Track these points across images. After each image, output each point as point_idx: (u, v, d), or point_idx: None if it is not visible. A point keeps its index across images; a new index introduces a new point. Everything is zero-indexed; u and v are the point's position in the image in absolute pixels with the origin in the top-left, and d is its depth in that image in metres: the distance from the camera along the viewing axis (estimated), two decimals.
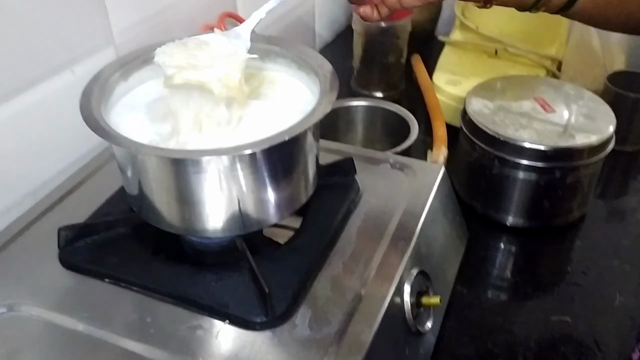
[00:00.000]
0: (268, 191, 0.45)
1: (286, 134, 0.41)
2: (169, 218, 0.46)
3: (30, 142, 0.56)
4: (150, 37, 0.67)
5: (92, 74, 0.49)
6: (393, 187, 0.56)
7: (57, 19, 0.56)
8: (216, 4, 0.76)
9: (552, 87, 0.71)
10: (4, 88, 0.52)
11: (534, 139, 0.63)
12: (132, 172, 0.45)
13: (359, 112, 0.74)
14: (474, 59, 0.88)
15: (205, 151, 0.41)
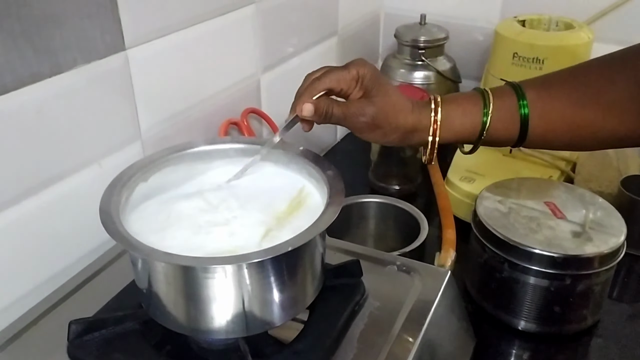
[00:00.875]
0: (273, 295, 0.47)
1: (290, 244, 0.43)
2: (175, 317, 0.47)
3: (51, 233, 0.59)
4: (175, 132, 0.71)
5: (119, 167, 0.52)
6: (398, 290, 0.56)
7: (90, 114, 0.60)
8: (240, 101, 0.81)
9: (565, 192, 0.72)
10: (34, 181, 0.56)
11: (543, 245, 0.63)
12: (142, 270, 0.47)
13: (371, 208, 0.76)
14: (488, 157, 0.90)
15: (213, 259, 0.43)
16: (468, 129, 0.58)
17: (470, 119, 0.58)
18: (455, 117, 0.58)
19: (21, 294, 0.57)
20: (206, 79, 0.75)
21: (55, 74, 0.55)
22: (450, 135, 0.58)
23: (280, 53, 0.88)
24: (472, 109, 0.58)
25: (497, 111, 0.57)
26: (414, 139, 0.58)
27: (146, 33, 0.64)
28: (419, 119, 0.57)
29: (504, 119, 0.58)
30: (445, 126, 0.57)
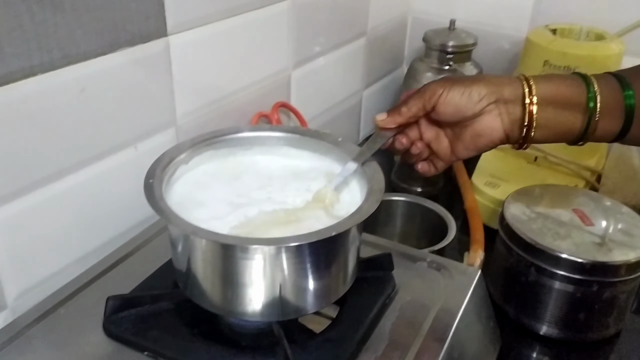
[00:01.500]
0: (309, 281, 0.47)
1: (333, 229, 0.43)
2: (211, 298, 0.47)
3: (88, 211, 0.60)
4: (208, 121, 0.72)
5: (153, 151, 0.53)
6: (429, 286, 0.57)
7: (130, 97, 0.61)
8: (271, 94, 0.81)
9: (591, 200, 0.72)
10: (75, 159, 0.57)
11: (572, 250, 0.63)
12: (182, 250, 0.47)
13: (399, 206, 0.76)
14: (513, 164, 0.90)
15: (255, 240, 0.44)
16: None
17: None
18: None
19: (59, 268, 0.58)
20: (241, 70, 0.76)
21: (100, 55, 0.56)
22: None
23: (310, 50, 0.89)
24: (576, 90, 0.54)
25: (602, 93, 0.54)
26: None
27: (187, 20, 0.65)
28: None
29: (608, 103, 0.54)
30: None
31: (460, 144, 0.56)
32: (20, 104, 0.50)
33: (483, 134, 0.55)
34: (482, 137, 0.55)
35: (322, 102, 0.96)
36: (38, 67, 0.51)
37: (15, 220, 0.53)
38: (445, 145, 0.57)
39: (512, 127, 0.55)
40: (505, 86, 0.54)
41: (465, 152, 0.57)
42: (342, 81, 1.01)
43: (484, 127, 0.55)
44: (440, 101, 0.53)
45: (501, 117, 0.55)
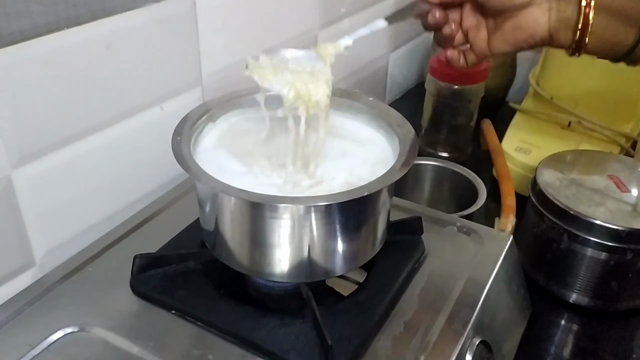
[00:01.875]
0: (338, 243, 0.46)
1: (365, 189, 0.42)
2: (239, 258, 0.47)
3: (115, 169, 0.59)
4: (234, 82, 0.70)
5: (179, 111, 0.52)
6: (458, 251, 0.56)
7: (156, 55, 0.60)
8: None
9: (627, 166, 0.70)
10: (101, 118, 0.56)
11: (607, 217, 0.61)
12: (210, 209, 0.47)
13: (428, 171, 0.74)
14: (545, 129, 0.87)
15: (284, 198, 0.43)
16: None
17: None
18: None
19: (86, 226, 0.58)
20: (267, 30, 0.74)
21: (126, 10, 0.55)
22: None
23: (337, 11, 0.86)
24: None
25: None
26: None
27: None
28: None
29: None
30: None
31: (499, 36, 0.53)
32: (46, 59, 0.49)
33: (526, 26, 0.52)
34: (524, 31, 0.52)
35: (348, 64, 0.94)
36: (64, 22, 0.50)
37: (42, 178, 0.53)
38: (482, 37, 0.54)
39: (558, 27, 0.51)
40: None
41: (502, 46, 0.53)
42: (369, 43, 0.98)
43: (528, 19, 0.51)
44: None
45: (550, 13, 0.51)
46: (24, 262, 0.53)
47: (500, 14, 0.52)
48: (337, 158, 0.50)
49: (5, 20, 0.46)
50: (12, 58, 0.47)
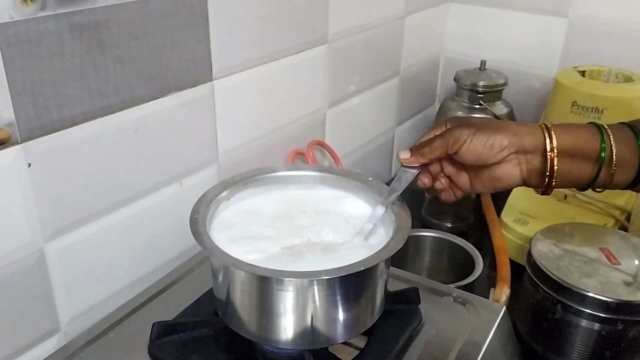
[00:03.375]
0: (339, 312, 0.50)
1: (362, 264, 0.47)
2: (248, 325, 0.51)
3: (136, 241, 0.65)
4: (247, 158, 0.76)
5: (197, 186, 0.57)
6: (454, 320, 0.59)
7: (178, 136, 0.66)
8: (307, 133, 0.86)
9: (619, 239, 0.74)
10: (126, 194, 0.62)
11: (597, 288, 0.65)
12: (222, 280, 0.51)
13: (427, 241, 0.78)
14: (542, 201, 0.91)
15: (289, 272, 0.47)
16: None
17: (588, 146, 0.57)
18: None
19: (109, 294, 0.63)
20: (279, 110, 0.81)
21: (152, 99, 0.61)
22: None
23: (345, 90, 0.93)
24: (590, 138, 0.57)
25: (618, 145, 0.56)
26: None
27: (231, 66, 0.70)
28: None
29: (624, 154, 0.56)
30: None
31: (479, 183, 0.60)
32: (79, 144, 0.56)
33: (502, 179, 0.58)
34: (500, 182, 0.59)
35: (355, 139, 1.00)
36: (98, 111, 0.56)
37: (71, 250, 0.58)
38: (464, 180, 0.60)
39: (529, 175, 0.58)
40: (527, 136, 0.57)
41: (483, 190, 0.61)
42: (376, 119, 1.05)
43: (502, 173, 0.58)
44: (463, 148, 0.56)
45: (520, 167, 0.58)
46: (50, 327, 0.58)
47: (477, 168, 0.59)
48: (342, 232, 0.55)
49: (47, 111, 0.52)
50: (50, 144, 0.53)
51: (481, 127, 0.57)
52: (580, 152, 0.57)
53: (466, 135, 0.56)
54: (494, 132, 0.56)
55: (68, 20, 0.51)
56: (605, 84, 0.93)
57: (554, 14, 1.04)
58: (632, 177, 0.58)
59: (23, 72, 0.49)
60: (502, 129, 0.57)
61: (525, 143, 0.57)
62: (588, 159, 0.57)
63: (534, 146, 0.57)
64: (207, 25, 0.65)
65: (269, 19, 0.73)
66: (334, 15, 0.84)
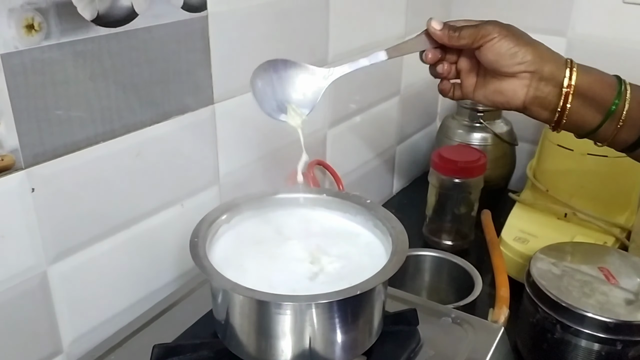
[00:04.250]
0: (337, 334, 0.51)
1: (358, 288, 0.47)
2: (247, 348, 0.52)
3: (138, 263, 0.65)
4: (248, 179, 0.77)
5: (198, 208, 0.58)
6: (452, 341, 0.59)
7: (179, 159, 0.67)
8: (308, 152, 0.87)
9: (619, 258, 0.74)
10: (128, 216, 0.63)
11: (596, 309, 0.65)
12: (222, 303, 0.52)
13: (427, 261, 0.79)
14: (542, 220, 0.92)
15: (287, 296, 0.48)
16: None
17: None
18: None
19: (110, 315, 0.64)
20: (278, 130, 0.81)
21: (154, 123, 0.63)
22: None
23: (346, 109, 0.94)
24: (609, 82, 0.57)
25: (631, 102, 0.56)
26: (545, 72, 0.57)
27: (232, 89, 0.71)
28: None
29: (633, 113, 0.56)
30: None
31: (483, 90, 0.59)
32: (82, 169, 0.57)
33: (505, 93, 0.58)
34: (502, 95, 0.58)
35: (356, 158, 1.01)
36: (101, 136, 0.58)
37: (73, 272, 0.59)
38: (471, 82, 0.60)
39: (532, 102, 0.58)
40: (550, 63, 0.56)
41: (482, 99, 0.60)
42: (376, 138, 1.06)
43: (509, 88, 0.57)
44: (488, 45, 0.56)
45: (527, 89, 0.57)
46: (53, 349, 0.59)
47: (489, 72, 0.59)
48: (339, 254, 0.56)
49: (50, 137, 0.53)
50: (53, 169, 0.54)
51: (513, 34, 0.56)
52: (592, 97, 0.57)
53: (497, 33, 0.55)
54: (523, 44, 0.56)
55: (71, 48, 0.52)
56: None
57: (553, 33, 1.05)
58: (635, 138, 0.57)
59: (27, 99, 0.51)
60: (531, 45, 0.56)
61: (545, 68, 0.56)
62: (598, 106, 0.57)
63: (551, 75, 0.56)
64: (209, 49, 0.66)
65: (269, 42, 0.74)
66: (334, 38, 0.85)
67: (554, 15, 1.05)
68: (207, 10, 0.64)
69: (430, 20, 0.58)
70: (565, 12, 1.04)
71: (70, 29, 0.52)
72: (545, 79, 0.57)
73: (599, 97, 0.57)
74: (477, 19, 0.58)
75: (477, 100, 0.61)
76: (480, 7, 1.11)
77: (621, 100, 0.56)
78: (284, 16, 0.75)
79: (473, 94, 0.61)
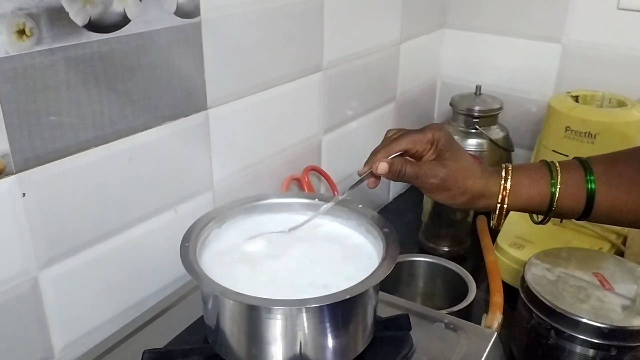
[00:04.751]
0: (328, 339, 0.51)
1: (348, 292, 0.47)
2: (238, 353, 0.51)
3: (130, 268, 0.65)
4: (242, 185, 0.77)
5: (191, 214, 0.58)
6: (445, 347, 0.59)
7: (172, 164, 0.67)
8: (302, 159, 0.87)
9: (614, 264, 0.74)
10: (120, 222, 0.63)
11: (590, 314, 0.65)
12: (212, 308, 0.52)
13: (421, 267, 0.79)
14: (538, 226, 0.91)
15: (277, 301, 0.48)
16: (535, 199, 0.60)
17: (537, 190, 0.60)
18: (523, 186, 0.60)
19: (102, 321, 0.63)
20: (273, 137, 0.82)
21: (147, 128, 0.63)
22: (517, 203, 0.60)
23: (341, 116, 0.94)
24: (540, 180, 0.60)
25: (565, 184, 0.59)
26: (480, 204, 0.60)
27: (226, 95, 0.71)
28: (487, 185, 0.59)
29: (570, 192, 0.59)
30: (513, 194, 0.59)
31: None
32: (74, 174, 0.57)
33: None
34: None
35: (351, 163, 1.00)
36: (92, 141, 0.58)
37: (65, 277, 0.59)
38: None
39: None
40: (479, 180, 0.60)
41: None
42: (372, 144, 1.05)
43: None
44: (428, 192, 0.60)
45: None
46: (44, 355, 0.59)
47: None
48: (330, 259, 0.56)
49: (41, 142, 0.53)
50: (45, 174, 0.54)
51: (447, 184, 0.58)
52: (532, 186, 0.60)
53: (429, 185, 0.59)
54: (452, 182, 0.58)
55: (63, 54, 0.53)
56: (598, 109, 0.94)
57: (548, 39, 1.06)
58: (581, 208, 0.60)
59: (18, 104, 0.51)
60: (460, 173, 0.59)
61: (475, 188, 0.59)
62: (539, 190, 0.60)
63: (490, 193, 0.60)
64: (202, 55, 0.66)
65: (263, 48, 0.75)
66: (329, 44, 0.86)
67: (549, 21, 1.05)
68: (200, 16, 0.65)
69: (377, 165, 0.60)
70: (560, 18, 1.04)
71: (61, 35, 0.52)
72: (480, 195, 0.60)
73: (538, 182, 0.60)
74: (472, 26, 0.58)
75: None
76: (475, 15, 1.11)
77: (555, 179, 0.59)
78: (278, 22, 0.76)
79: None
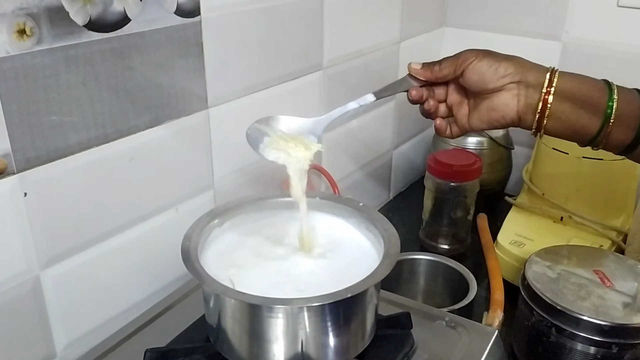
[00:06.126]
0: (329, 338, 0.51)
1: (349, 291, 0.47)
2: (239, 351, 0.52)
3: (132, 267, 0.65)
4: (243, 183, 0.77)
5: (192, 212, 0.58)
6: (446, 345, 0.59)
7: (173, 163, 0.67)
8: None
9: (615, 261, 0.74)
10: (122, 221, 0.63)
11: (591, 312, 0.65)
12: (214, 307, 0.52)
13: (422, 265, 0.79)
14: (539, 223, 0.92)
15: (279, 300, 0.48)
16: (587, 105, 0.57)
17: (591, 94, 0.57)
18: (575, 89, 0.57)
19: (104, 320, 0.64)
20: None
21: (148, 127, 0.63)
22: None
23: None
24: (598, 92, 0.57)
25: (620, 106, 0.56)
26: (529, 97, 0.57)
27: (226, 94, 0.71)
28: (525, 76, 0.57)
29: (624, 111, 0.56)
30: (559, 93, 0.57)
31: (477, 114, 0.60)
32: (75, 173, 0.57)
33: (498, 108, 0.59)
34: (496, 112, 0.59)
35: (352, 162, 1.01)
36: (94, 140, 0.58)
37: (66, 276, 0.59)
38: (464, 113, 0.61)
39: (526, 111, 0.58)
40: (532, 70, 0.57)
41: (479, 123, 0.61)
42: (373, 142, 1.06)
43: (500, 102, 0.58)
44: (470, 67, 0.57)
45: (518, 98, 0.58)
46: (46, 354, 0.59)
47: (478, 95, 0.60)
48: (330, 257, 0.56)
49: (43, 141, 0.54)
50: (46, 173, 0.54)
51: (491, 52, 0.58)
52: (582, 99, 0.57)
53: (475, 56, 0.57)
54: (503, 59, 0.57)
55: (63, 53, 0.53)
56: None
57: (548, 37, 1.06)
58: (631, 138, 0.57)
59: (19, 104, 0.51)
60: (511, 59, 0.58)
61: (529, 76, 0.57)
62: (590, 109, 0.57)
63: (537, 81, 0.57)
64: (202, 54, 0.67)
65: (263, 47, 0.75)
66: (329, 42, 0.86)
67: (549, 19, 1.05)
68: (201, 16, 0.65)
69: (410, 63, 0.60)
70: (560, 16, 1.04)
71: (62, 34, 0.52)
72: (532, 85, 0.57)
73: (590, 99, 0.57)
74: (472, 24, 0.59)
75: (475, 128, 0.62)
76: (475, 13, 1.11)
77: (612, 99, 0.56)
78: (278, 21, 0.76)
79: (469, 123, 0.62)
